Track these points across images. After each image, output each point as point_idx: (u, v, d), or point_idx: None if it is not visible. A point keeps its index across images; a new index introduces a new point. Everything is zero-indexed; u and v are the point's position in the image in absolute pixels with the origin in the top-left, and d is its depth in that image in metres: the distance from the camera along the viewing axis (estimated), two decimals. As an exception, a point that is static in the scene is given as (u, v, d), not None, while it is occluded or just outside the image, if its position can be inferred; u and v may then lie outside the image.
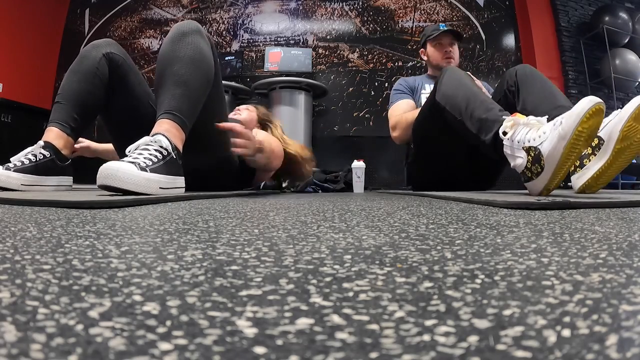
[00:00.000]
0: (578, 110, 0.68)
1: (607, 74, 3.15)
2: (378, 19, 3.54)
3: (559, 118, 0.73)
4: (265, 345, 0.11)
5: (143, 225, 0.37)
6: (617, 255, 0.23)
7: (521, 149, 0.81)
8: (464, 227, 0.37)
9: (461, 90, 1.08)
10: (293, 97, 2.91)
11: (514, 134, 0.83)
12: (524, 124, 0.81)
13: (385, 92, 3.38)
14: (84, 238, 0.29)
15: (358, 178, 1.99)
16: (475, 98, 1.03)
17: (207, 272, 0.19)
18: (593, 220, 0.42)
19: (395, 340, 0.11)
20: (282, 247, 0.26)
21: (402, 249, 0.26)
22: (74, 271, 0.19)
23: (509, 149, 0.85)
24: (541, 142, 0.76)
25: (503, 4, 3.48)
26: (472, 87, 1.08)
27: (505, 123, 0.85)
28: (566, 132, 0.70)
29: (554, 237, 0.30)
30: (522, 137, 0.81)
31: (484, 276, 0.18)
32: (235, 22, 3.70)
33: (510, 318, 0.13)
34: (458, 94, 1.08)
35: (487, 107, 0.98)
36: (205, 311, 0.13)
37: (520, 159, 0.82)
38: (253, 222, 0.41)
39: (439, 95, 1.14)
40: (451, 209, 0.60)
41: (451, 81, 1.13)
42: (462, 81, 1.11)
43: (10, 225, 0.35)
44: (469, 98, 1.04)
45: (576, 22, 3.38)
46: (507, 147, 0.85)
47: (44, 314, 0.13)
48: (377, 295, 0.15)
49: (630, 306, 0.14)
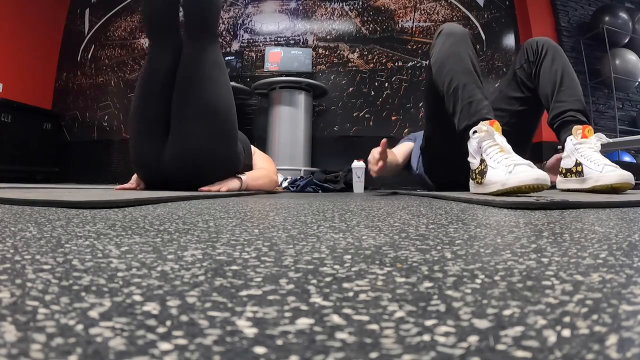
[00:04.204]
0: (521, 178, 0.76)
1: (607, 74, 3.15)
2: (378, 19, 3.54)
3: (512, 164, 0.79)
4: (265, 345, 0.11)
5: (143, 225, 0.37)
6: (617, 255, 0.23)
7: (480, 155, 0.89)
8: (464, 227, 0.37)
9: (449, 62, 1.04)
10: (293, 97, 2.91)
11: (482, 138, 0.89)
12: (494, 140, 0.88)
13: (385, 92, 3.38)
14: (84, 238, 0.29)
15: (358, 178, 1.99)
16: (459, 78, 1.00)
17: (207, 272, 0.19)
18: (593, 220, 0.42)
19: (395, 340, 0.11)
20: (282, 247, 0.26)
21: (402, 249, 0.26)
22: (74, 271, 0.19)
23: (472, 147, 0.92)
24: (491, 167, 0.84)
25: (503, 4, 3.48)
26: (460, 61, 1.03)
27: (481, 126, 0.90)
28: (505, 183, 0.78)
29: (554, 237, 0.30)
30: (486, 148, 0.88)
31: (484, 276, 0.18)
32: (235, 22, 3.70)
33: (510, 318, 0.13)
34: (445, 64, 1.04)
35: (470, 94, 0.98)
36: (205, 311, 0.13)
37: (475, 162, 0.91)
38: (253, 222, 0.41)
39: (432, 58, 1.11)
40: (451, 209, 0.60)
41: (443, 48, 1.07)
42: (454, 49, 1.05)
43: (10, 225, 0.35)
44: (453, 77, 1.01)
45: (576, 22, 3.38)
46: (471, 144, 0.92)
47: (44, 314, 0.13)
48: (377, 295, 0.15)
49: (630, 306, 0.14)
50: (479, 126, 0.90)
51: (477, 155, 0.90)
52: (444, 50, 1.06)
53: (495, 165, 0.84)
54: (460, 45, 1.05)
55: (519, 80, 1.19)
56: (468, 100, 0.97)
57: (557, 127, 1.04)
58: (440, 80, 1.05)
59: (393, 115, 3.30)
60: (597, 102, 3.32)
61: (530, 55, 1.15)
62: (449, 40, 1.07)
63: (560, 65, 1.07)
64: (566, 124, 1.01)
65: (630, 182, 0.84)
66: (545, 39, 1.15)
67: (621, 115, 3.32)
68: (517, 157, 0.83)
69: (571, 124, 1.00)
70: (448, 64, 1.04)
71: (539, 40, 1.15)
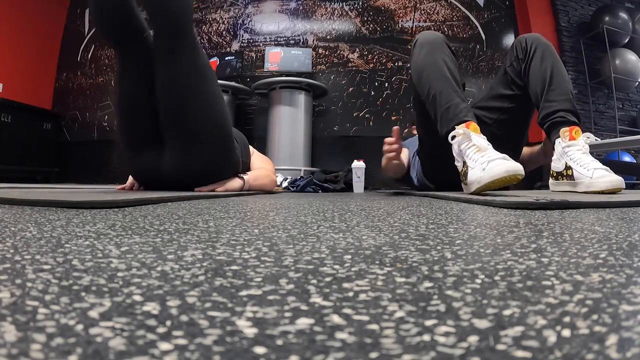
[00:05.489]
0: (493, 173, 0.79)
1: (607, 74, 3.15)
2: (378, 19, 3.54)
3: (486, 161, 0.82)
4: (265, 345, 0.11)
5: (143, 225, 0.37)
6: (617, 255, 0.23)
7: (462, 157, 0.93)
8: (464, 227, 0.37)
9: (425, 72, 1.07)
10: (293, 97, 2.91)
11: (460, 142, 0.93)
12: (470, 141, 0.91)
13: (385, 92, 3.38)
14: (84, 238, 0.29)
15: (358, 178, 1.99)
16: (435, 86, 1.03)
17: (207, 272, 0.19)
18: (593, 220, 0.42)
19: (395, 340, 0.11)
20: (282, 247, 0.26)
21: (402, 249, 0.26)
22: (74, 271, 0.19)
23: (455, 152, 0.95)
24: (471, 167, 0.88)
25: (503, 4, 3.48)
26: (436, 69, 1.05)
27: (458, 130, 0.94)
28: (480, 180, 0.82)
29: (554, 237, 0.30)
30: (465, 150, 0.92)
31: (484, 276, 0.18)
32: (235, 22, 3.70)
33: (510, 318, 0.13)
34: (423, 74, 1.08)
35: (446, 99, 1.01)
36: (205, 311, 0.13)
37: (459, 165, 0.95)
38: (253, 222, 0.41)
39: (411, 68, 1.14)
40: (451, 209, 0.60)
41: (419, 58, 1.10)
42: (429, 59, 1.08)
43: (10, 225, 0.35)
44: (430, 85, 1.05)
45: (576, 22, 3.37)
46: (454, 148, 0.96)
47: (44, 314, 0.13)
48: (377, 295, 0.15)
49: (630, 306, 0.14)
50: (456, 130, 0.94)
51: (460, 158, 0.94)
52: (420, 60, 1.10)
53: (473, 164, 0.87)
54: (435, 53, 1.08)
55: (510, 78, 1.19)
56: (445, 107, 1.00)
57: (547, 128, 1.05)
58: (420, 90, 1.09)
59: (393, 115, 3.29)
60: (597, 102, 3.31)
61: (519, 53, 1.14)
62: (424, 49, 1.10)
63: (550, 63, 1.07)
64: (555, 126, 1.01)
65: (621, 186, 0.85)
66: (535, 36, 1.14)
67: (621, 115, 3.31)
68: (493, 153, 0.85)
69: (560, 125, 1.00)
70: (424, 73, 1.07)
71: (528, 37, 1.14)
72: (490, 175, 0.79)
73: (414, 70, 1.12)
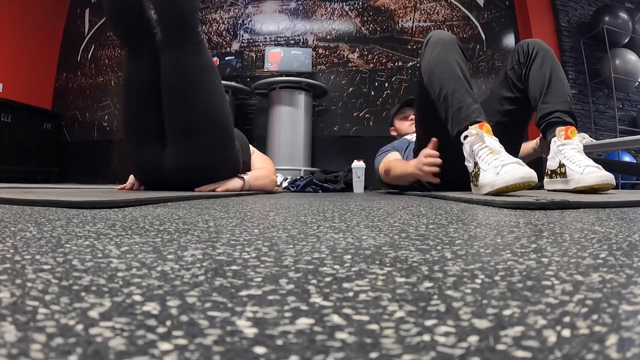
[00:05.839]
0: (507, 178, 0.79)
1: (607, 74, 3.15)
2: (378, 19, 3.54)
3: (500, 165, 0.82)
4: (265, 345, 0.11)
5: (143, 225, 0.37)
6: (617, 255, 0.23)
7: (473, 158, 0.93)
8: (464, 227, 0.37)
9: (438, 70, 1.07)
10: (293, 97, 2.91)
11: (473, 142, 0.92)
12: (483, 143, 0.90)
13: (385, 92, 3.38)
14: (84, 238, 0.29)
15: (358, 178, 1.99)
16: (448, 85, 1.03)
17: (207, 272, 0.19)
18: (593, 220, 0.42)
19: (395, 340, 0.11)
20: (282, 247, 0.26)
21: (402, 249, 0.26)
22: (74, 271, 0.19)
23: (466, 152, 0.95)
24: (483, 169, 0.88)
25: (503, 4, 3.48)
26: (448, 68, 1.05)
27: (471, 130, 0.93)
28: (493, 184, 0.82)
29: (554, 237, 0.30)
30: (477, 151, 0.91)
31: (484, 276, 0.18)
32: (235, 22, 3.70)
33: (510, 318, 0.13)
34: (434, 73, 1.07)
35: (459, 99, 1.00)
36: (205, 311, 0.13)
37: (470, 165, 0.95)
38: (253, 222, 0.41)
39: (422, 67, 1.14)
40: (451, 209, 0.60)
41: (431, 56, 1.10)
42: (442, 58, 1.08)
43: (10, 225, 0.35)
44: (442, 85, 1.04)
45: (576, 22, 3.38)
46: (465, 148, 0.95)
47: (44, 314, 0.13)
48: (377, 295, 0.15)
49: (630, 306, 0.14)
50: (469, 130, 0.94)
51: (471, 158, 0.94)
52: (432, 59, 1.10)
53: (486, 167, 0.87)
54: (448, 53, 1.08)
55: (510, 81, 1.21)
56: (458, 107, 1.00)
57: (543, 128, 1.06)
58: (431, 89, 1.08)
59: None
60: (597, 102, 3.31)
61: (521, 57, 1.16)
62: (436, 48, 1.10)
63: (549, 67, 1.09)
64: (551, 125, 1.02)
65: (611, 182, 0.85)
66: (536, 41, 1.16)
67: (621, 115, 3.31)
68: (506, 157, 0.85)
69: (556, 125, 1.01)
70: (437, 72, 1.07)
71: (530, 42, 1.16)
72: (505, 180, 0.79)
73: (425, 68, 1.11)
